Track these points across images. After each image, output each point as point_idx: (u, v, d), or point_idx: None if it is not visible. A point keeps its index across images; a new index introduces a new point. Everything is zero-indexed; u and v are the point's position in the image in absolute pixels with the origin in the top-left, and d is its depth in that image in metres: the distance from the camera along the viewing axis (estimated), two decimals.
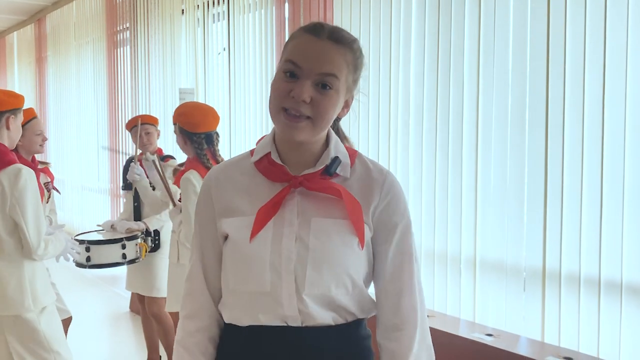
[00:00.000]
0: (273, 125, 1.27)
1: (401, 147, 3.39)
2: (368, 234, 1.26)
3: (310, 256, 1.21)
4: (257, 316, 1.23)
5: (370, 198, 1.26)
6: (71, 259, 2.95)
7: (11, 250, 2.49)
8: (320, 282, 1.21)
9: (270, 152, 1.27)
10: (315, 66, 1.17)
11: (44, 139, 3.30)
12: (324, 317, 1.23)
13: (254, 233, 1.21)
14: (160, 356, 3.86)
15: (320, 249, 1.21)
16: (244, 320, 1.25)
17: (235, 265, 1.25)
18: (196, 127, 2.81)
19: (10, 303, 2.48)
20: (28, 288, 2.50)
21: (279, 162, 1.26)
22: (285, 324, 1.23)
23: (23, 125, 3.14)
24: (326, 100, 1.19)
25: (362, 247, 1.24)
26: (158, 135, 3.81)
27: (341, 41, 1.20)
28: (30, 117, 3.22)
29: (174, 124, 2.93)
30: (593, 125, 2.57)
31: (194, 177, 2.76)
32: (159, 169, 3.22)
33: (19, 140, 3.13)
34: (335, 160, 1.26)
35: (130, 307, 5.27)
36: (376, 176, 1.29)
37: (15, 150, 3.15)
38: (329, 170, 1.25)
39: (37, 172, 3.22)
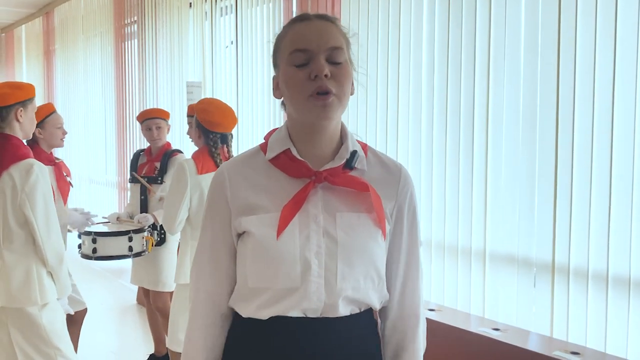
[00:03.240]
0: (282, 120, 1.27)
1: (412, 140, 3.39)
2: (387, 226, 1.29)
3: (340, 250, 1.22)
4: (279, 310, 1.23)
5: (390, 191, 1.30)
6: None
7: (21, 243, 2.50)
8: (351, 276, 1.23)
9: (289, 149, 1.27)
10: (321, 43, 1.21)
11: (64, 133, 3.34)
12: (344, 310, 1.25)
13: (280, 230, 1.21)
14: (167, 349, 3.87)
15: (349, 243, 1.23)
16: (264, 314, 1.25)
17: (260, 263, 1.24)
18: (214, 126, 2.79)
19: (17, 295, 2.48)
20: (36, 282, 2.50)
21: (299, 158, 1.26)
22: (304, 315, 1.24)
23: (43, 119, 3.18)
24: (342, 72, 1.22)
25: (385, 238, 1.28)
26: (168, 129, 3.82)
27: (330, 19, 1.26)
28: (49, 112, 3.28)
29: (189, 115, 2.89)
30: (603, 120, 2.56)
31: (188, 166, 2.74)
32: (146, 185, 3.65)
33: (40, 134, 3.17)
34: (355, 153, 1.28)
35: (137, 299, 5.29)
36: (393, 170, 1.33)
37: (36, 143, 3.19)
38: (350, 164, 1.27)
39: (58, 166, 3.25)
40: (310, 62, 1.20)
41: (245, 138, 4.93)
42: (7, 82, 2.66)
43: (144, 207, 3.71)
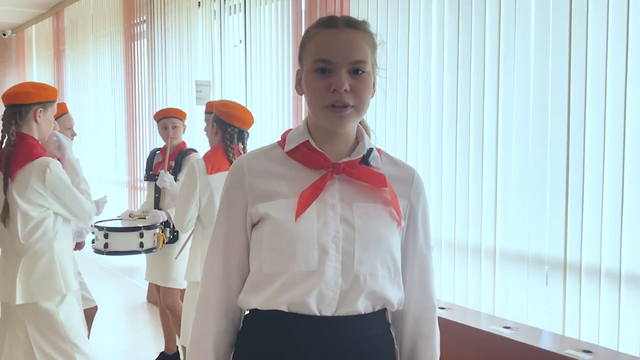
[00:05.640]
0: (291, 119, 1.28)
1: (422, 138, 3.38)
2: (402, 222, 1.31)
3: (358, 236, 1.25)
4: (295, 296, 1.23)
5: (403, 190, 1.34)
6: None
7: (39, 236, 2.54)
8: (368, 261, 1.24)
9: (307, 141, 1.30)
10: (346, 56, 1.22)
11: (73, 134, 3.37)
12: (358, 305, 1.25)
13: (299, 212, 1.23)
14: (178, 347, 3.88)
15: (366, 229, 1.26)
16: (279, 302, 1.24)
17: (277, 246, 1.24)
18: (233, 119, 2.83)
19: (40, 288, 2.51)
20: (59, 272, 2.55)
21: (318, 149, 1.29)
22: (319, 314, 1.23)
23: (54, 119, 3.22)
24: (363, 85, 1.24)
25: (400, 226, 1.30)
26: (184, 130, 3.88)
27: (358, 26, 1.26)
28: (61, 112, 3.31)
29: (207, 112, 2.93)
30: (615, 116, 2.54)
31: (198, 166, 2.77)
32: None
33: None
34: (372, 151, 1.32)
35: (147, 297, 5.31)
36: (406, 171, 1.37)
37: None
38: (366, 160, 1.31)
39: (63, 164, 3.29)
40: (332, 72, 1.22)
41: (254, 137, 4.91)
42: (32, 82, 2.70)
43: (158, 205, 3.75)
